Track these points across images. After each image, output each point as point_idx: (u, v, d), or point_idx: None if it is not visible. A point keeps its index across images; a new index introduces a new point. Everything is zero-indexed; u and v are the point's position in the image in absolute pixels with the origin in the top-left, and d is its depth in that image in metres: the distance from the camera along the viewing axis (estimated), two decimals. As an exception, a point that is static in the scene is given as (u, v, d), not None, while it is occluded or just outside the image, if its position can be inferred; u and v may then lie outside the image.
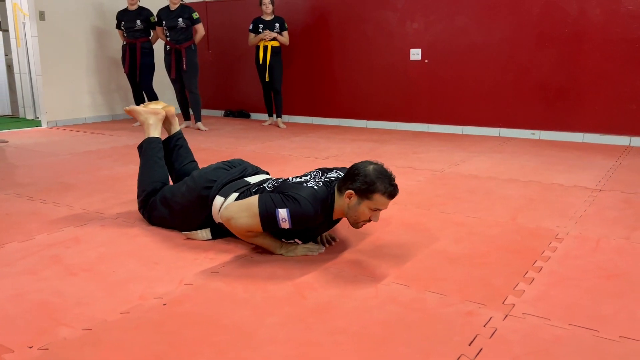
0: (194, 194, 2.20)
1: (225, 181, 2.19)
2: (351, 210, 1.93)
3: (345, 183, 1.92)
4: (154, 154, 2.53)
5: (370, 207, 1.90)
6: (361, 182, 1.87)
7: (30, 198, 2.87)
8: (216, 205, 2.12)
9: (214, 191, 2.15)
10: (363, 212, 1.91)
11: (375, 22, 5.67)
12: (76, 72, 6.09)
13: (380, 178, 1.87)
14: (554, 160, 3.87)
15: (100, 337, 1.44)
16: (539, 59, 4.87)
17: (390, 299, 1.67)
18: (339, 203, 1.95)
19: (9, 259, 2.00)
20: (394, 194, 1.91)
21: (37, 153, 4.26)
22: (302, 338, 1.45)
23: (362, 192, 1.87)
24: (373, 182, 1.86)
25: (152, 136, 2.56)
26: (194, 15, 5.49)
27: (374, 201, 1.88)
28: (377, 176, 1.87)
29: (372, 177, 1.87)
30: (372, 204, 1.89)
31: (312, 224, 1.95)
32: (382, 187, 1.86)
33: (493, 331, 1.47)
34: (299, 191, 1.91)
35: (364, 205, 1.90)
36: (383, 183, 1.87)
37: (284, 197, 1.89)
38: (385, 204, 1.91)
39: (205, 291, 1.73)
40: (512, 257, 2.03)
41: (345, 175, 1.95)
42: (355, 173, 1.89)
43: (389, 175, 1.90)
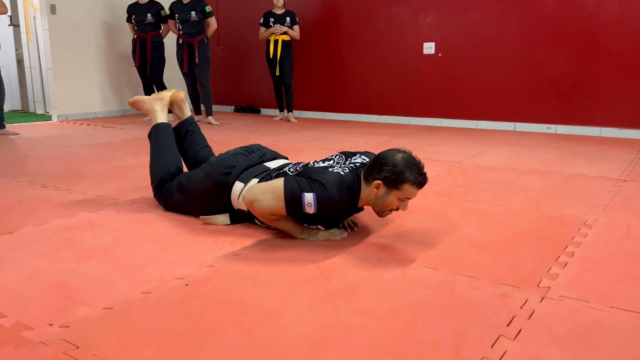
0: (212, 180, 2.15)
1: (245, 167, 2.13)
2: (379, 200, 1.87)
3: (373, 173, 1.85)
4: (165, 139, 2.47)
5: (399, 197, 1.84)
6: (390, 172, 1.80)
7: (44, 185, 2.83)
8: (235, 191, 2.07)
9: (233, 177, 2.09)
10: (392, 202, 1.85)
11: (388, 16, 5.61)
12: (86, 66, 6.07)
13: (409, 167, 1.80)
14: (573, 153, 3.79)
15: (121, 316, 1.39)
16: (555, 52, 4.79)
17: (418, 282, 1.61)
18: (366, 192, 1.89)
19: (24, 242, 1.96)
20: (424, 184, 1.84)
21: (48, 145, 4.23)
22: (329, 319, 1.39)
23: (390, 182, 1.81)
24: (402, 172, 1.79)
25: (160, 122, 2.51)
26: (206, 8, 5.45)
27: (404, 191, 1.82)
28: (406, 165, 1.80)
29: (401, 166, 1.80)
30: (401, 194, 1.83)
31: (337, 210, 1.89)
32: (411, 177, 1.80)
33: (531, 313, 1.40)
34: (325, 176, 1.84)
35: (393, 195, 1.83)
36: (412, 173, 1.80)
37: (310, 181, 1.83)
38: (415, 193, 1.85)
39: (227, 273, 1.68)
40: (541, 243, 1.96)
41: (372, 164, 1.88)
42: (383, 162, 1.83)
43: (417, 163, 1.84)
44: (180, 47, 5.53)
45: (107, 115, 6.32)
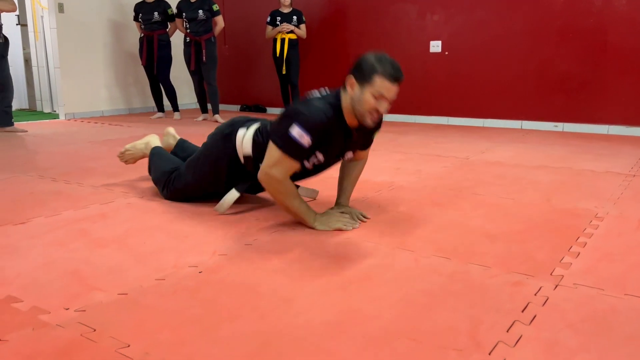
0: (216, 137, 2.23)
1: (246, 119, 2.23)
2: (356, 101, 1.84)
3: (347, 75, 1.87)
4: (161, 153, 2.59)
5: (372, 94, 1.81)
6: (360, 65, 1.82)
7: (54, 179, 2.84)
8: (239, 138, 2.13)
9: (236, 127, 2.17)
10: (367, 100, 1.82)
11: (394, 15, 5.61)
12: (94, 64, 6.09)
13: (380, 61, 1.80)
14: (581, 150, 3.79)
15: (137, 301, 1.40)
16: (562, 50, 4.78)
17: (432, 270, 1.61)
18: (345, 100, 1.89)
19: (36, 232, 1.96)
20: (396, 76, 1.81)
21: (56, 141, 4.25)
22: (342, 305, 1.39)
23: (362, 76, 1.81)
24: (372, 64, 1.79)
25: (154, 146, 2.63)
26: (214, 7, 5.47)
27: (376, 85, 1.79)
28: (377, 59, 1.80)
29: (371, 59, 1.80)
30: (374, 89, 1.80)
31: (329, 129, 1.86)
32: (381, 68, 1.79)
33: (545, 299, 1.40)
34: (303, 105, 1.88)
35: (367, 91, 1.81)
36: (383, 65, 1.79)
37: (287, 117, 1.87)
38: (389, 88, 1.81)
39: (239, 261, 1.68)
40: (552, 234, 1.96)
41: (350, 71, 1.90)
42: (355, 62, 1.85)
43: (390, 59, 1.82)
44: (188, 45, 5.55)
45: (114, 114, 6.34)
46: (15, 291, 1.45)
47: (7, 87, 4.62)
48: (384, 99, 1.84)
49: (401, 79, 1.83)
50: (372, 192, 2.56)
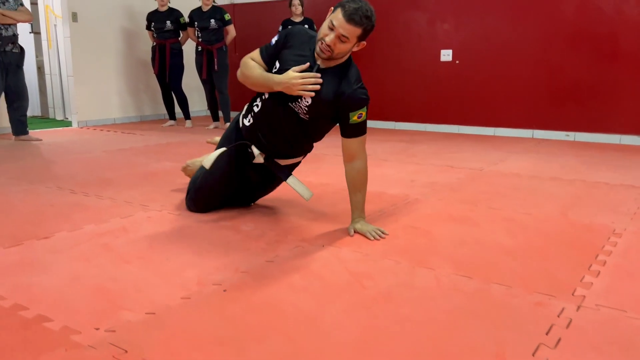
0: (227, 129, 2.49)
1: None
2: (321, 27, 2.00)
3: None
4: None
5: (328, 23, 1.95)
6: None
7: (72, 191, 2.87)
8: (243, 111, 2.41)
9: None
10: (323, 27, 1.97)
11: (405, 23, 5.64)
12: (106, 72, 6.15)
13: (353, 0, 1.91)
14: (594, 161, 3.79)
15: (164, 320, 1.42)
16: (574, 59, 4.79)
17: (454, 289, 1.63)
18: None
19: (61, 247, 1.99)
20: (352, 16, 1.90)
21: (71, 150, 4.29)
22: (368, 325, 1.41)
23: (335, 6, 1.97)
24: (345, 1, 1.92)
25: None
26: (225, 16, 5.52)
27: (335, 14, 1.94)
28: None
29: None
30: (332, 17, 1.95)
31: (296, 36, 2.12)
32: (347, 4, 1.91)
33: (568, 321, 1.41)
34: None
35: (327, 19, 1.97)
36: (353, 2, 1.91)
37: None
38: (341, 22, 1.91)
39: (262, 278, 1.70)
40: (571, 251, 1.97)
41: None
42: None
43: (365, 4, 1.93)
44: (200, 54, 5.59)
45: (126, 121, 6.39)
46: (45, 309, 1.47)
47: (23, 96, 4.67)
48: (335, 31, 1.94)
49: (357, 22, 1.92)
50: (387, 206, 2.58)
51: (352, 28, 1.92)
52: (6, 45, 4.41)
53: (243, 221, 2.32)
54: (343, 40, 1.94)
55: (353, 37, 1.95)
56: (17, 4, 4.47)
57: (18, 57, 4.56)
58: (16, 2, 4.46)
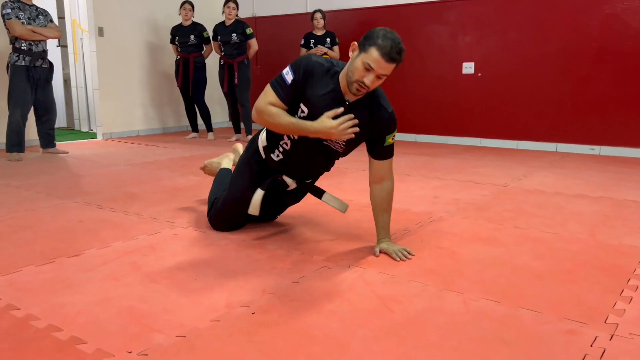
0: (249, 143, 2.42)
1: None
2: (349, 66, 1.94)
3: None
4: (223, 172, 2.70)
5: (363, 62, 1.87)
6: (366, 35, 1.89)
7: (100, 206, 2.92)
8: (261, 136, 2.31)
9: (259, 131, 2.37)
10: (357, 67, 1.89)
11: (427, 36, 5.64)
12: (130, 85, 6.25)
13: (385, 37, 1.85)
14: (621, 176, 3.73)
15: (194, 344, 1.43)
16: (599, 72, 4.73)
17: (482, 315, 1.61)
18: (343, 70, 1.99)
19: (90, 265, 2.03)
20: (390, 55, 1.84)
21: (97, 163, 4.36)
22: (397, 352, 1.40)
23: (363, 45, 1.89)
24: (376, 36, 1.85)
25: (223, 167, 2.75)
26: (247, 30, 5.59)
27: (369, 54, 1.85)
28: (383, 34, 1.85)
29: (377, 32, 1.86)
30: (366, 57, 1.86)
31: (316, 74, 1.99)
32: (381, 43, 1.83)
33: (602, 351, 1.39)
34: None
35: (360, 58, 1.88)
36: (385, 41, 1.84)
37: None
38: (379, 62, 1.85)
39: (289, 301, 1.71)
40: (601, 274, 1.94)
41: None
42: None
43: (396, 39, 1.86)
44: (222, 67, 5.67)
45: (149, 133, 6.48)
46: (78, 331, 1.50)
47: (52, 110, 4.77)
48: (373, 72, 1.88)
49: (396, 59, 1.87)
50: (412, 225, 2.57)
51: (391, 66, 1.88)
52: (36, 61, 4.52)
53: (268, 239, 2.34)
54: (381, 78, 1.92)
55: (390, 72, 1.92)
56: (47, 20, 4.58)
57: (47, 72, 4.66)
58: (46, 19, 4.57)
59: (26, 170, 4.04)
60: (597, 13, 4.69)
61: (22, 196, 3.17)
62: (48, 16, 4.62)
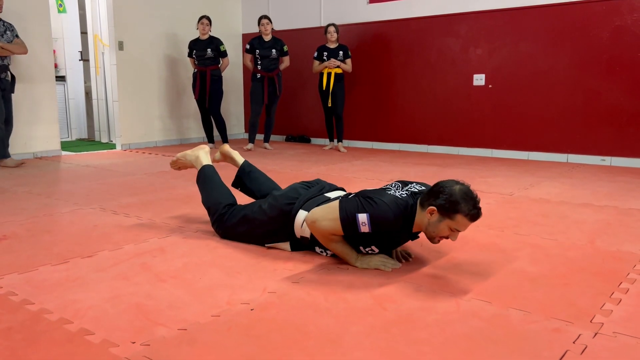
0: (275, 210, 2.28)
1: (307, 198, 2.27)
2: (431, 226, 1.94)
3: (429, 199, 1.93)
4: (212, 176, 2.65)
5: (450, 227, 1.91)
6: (445, 200, 1.87)
7: (115, 212, 3.05)
8: (299, 219, 2.20)
9: (296, 207, 2.23)
10: (443, 230, 1.93)
11: (438, 49, 5.71)
12: (149, 98, 6.44)
13: (465, 199, 1.86)
14: (629, 187, 3.74)
15: (195, 337, 1.52)
16: (609, 83, 4.75)
17: (472, 314, 1.67)
18: (420, 217, 1.98)
19: (103, 266, 2.14)
20: (477, 217, 1.90)
21: (114, 173, 4.51)
22: (387, 347, 1.47)
23: (445, 210, 1.88)
24: (457, 202, 1.86)
25: (204, 164, 2.69)
26: (284, 48, 5.98)
27: (455, 221, 1.89)
28: (462, 197, 1.87)
29: (457, 196, 1.86)
30: (453, 224, 1.90)
31: (391, 228, 1.97)
32: (465, 208, 1.86)
33: (583, 348, 1.44)
34: (380, 196, 1.96)
35: (445, 223, 1.91)
36: (467, 205, 1.86)
37: (365, 200, 1.95)
38: (466, 225, 1.91)
39: (288, 299, 1.79)
40: (595, 278, 1.98)
41: (429, 191, 1.96)
42: (440, 190, 1.90)
43: (474, 197, 1.89)
44: (260, 80, 5.92)
45: (167, 144, 6.65)
46: (87, 324, 1.60)
47: (9, 122, 4.92)
48: (458, 232, 1.94)
49: (479, 218, 1.91)
50: (415, 230, 2.63)
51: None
52: (1, 73, 4.73)
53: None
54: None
55: None
56: (13, 35, 4.77)
57: (10, 84, 4.86)
58: (12, 34, 4.77)
59: (47, 179, 4.20)
60: (607, 25, 4.73)
61: (43, 203, 3.31)
62: (14, 31, 4.80)
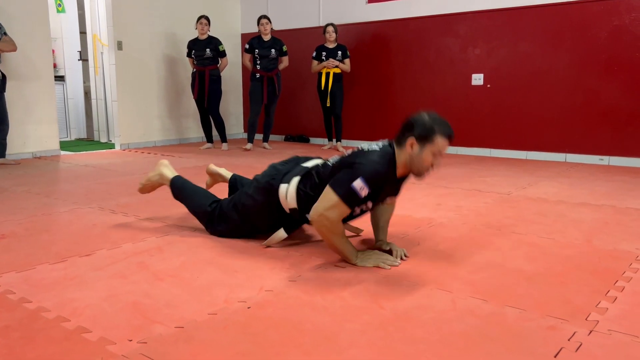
0: (260, 191, 2.35)
1: (285, 171, 2.34)
2: (415, 158, 2.04)
3: (405, 134, 2.04)
4: (184, 185, 2.71)
5: (432, 151, 2.01)
6: (421, 128, 2.00)
7: (113, 211, 3.05)
8: (282, 193, 2.27)
9: (277, 181, 2.30)
10: (426, 158, 2.02)
11: (437, 48, 5.72)
12: (148, 97, 6.44)
13: (437, 122, 2.01)
14: (627, 186, 3.75)
15: (192, 334, 1.53)
16: (608, 83, 4.76)
17: (469, 312, 1.68)
18: (401, 156, 2.07)
19: (100, 264, 2.14)
20: (452, 136, 2.03)
21: (113, 172, 4.52)
22: (382, 344, 1.48)
23: (423, 137, 2.00)
24: (432, 126, 1.99)
25: (172, 177, 2.74)
26: (283, 48, 5.99)
27: (436, 144, 1.99)
28: (434, 121, 2.01)
29: (430, 122, 2.01)
30: (434, 148, 2.00)
31: (386, 179, 2.06)
32: (441, 129, 1.99)
33: (578, 345, 1.45)
34: (363, 156, 2.03)
35: (427, 150, 2.01)
36: (442, 126, 2.00)
37: (351, 168, 2.01)
38: (445, 146, 2.02)
39: (285, 298, 1.79)
40: (591, 276, 1.99)
41: (402, 128, 2.07)
42: (412, 123, 2.03)
43: (444, 120, 2.03)
44: (259, 80, 5.92)
45: (166, 144, 6.66)
46: (85, 322, 1.61)
47: (4, 120, 4.90)
48: (440, 156, 2.03)
49: (453, 137, 2.06)
50: (411, 229, 2.64)
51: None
52: None
53: (271, 242, 2.43)
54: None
55: None
56: (1, 33, 4.74)
57: (0, 83, 4.83)
58: (0, 31, 4.75)
59: (46, 179, 4.20)
60: (605, 25, 4.73)
61: (42, 202, 3.32)
62: (2, 29, 4.78)
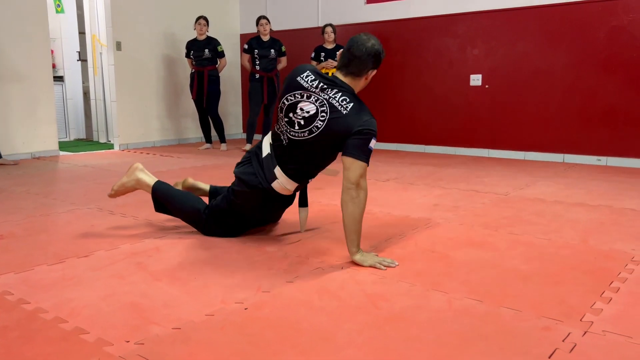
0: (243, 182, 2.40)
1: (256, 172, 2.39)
2: (368, 83, 2.30)
3: (365, 68, 2.20)
4: (168, 191, 2.65)
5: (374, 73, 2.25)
6: (377, 59, 2.20)
7: (111, 212, 3.06)
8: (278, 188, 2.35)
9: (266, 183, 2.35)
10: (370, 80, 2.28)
11: (436, 49, 5.73)
12: (147, 98, 6.45)
13: (380, 46, 2.23)
14: (624, 186, 3.76)
15: (189, 335, 1.54)
16: (606, 83, 4.77)
17: (464, 312, 1.69)
18: (360, 85, 2.27)
19: (99, 265, 2.15)
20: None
21: (112, 173, 4.53)
22: (379, 344, 1.49)
23: (377, 66, 2.23)
24: (380, 53, 2.21)
25: (153, 184, 2.67)
26: (282, 48, 5.97)
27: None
28: (379, 45, 2.22)
29: (378, 48, 2.21)
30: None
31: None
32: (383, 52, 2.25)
33: (572, 346, 1.46)
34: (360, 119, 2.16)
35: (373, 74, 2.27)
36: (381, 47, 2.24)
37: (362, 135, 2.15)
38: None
39: (282, 298, 1.80)
40: (586, 277, 2.00)
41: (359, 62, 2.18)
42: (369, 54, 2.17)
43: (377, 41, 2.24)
44: (259, 80, 5.90)
45: (165, 144, 6.66)
46: (82, 322, 1.61)
47: None
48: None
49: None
50: (408, 230, 2.65)
51: None
52: None
53: (267, 242, 2.44)
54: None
55: None
56: None
57: None
58: None
59: (45, 179, 4.21)
60: (603, 25, 4.74)
61: (40, 202, 3.33)
62: None
